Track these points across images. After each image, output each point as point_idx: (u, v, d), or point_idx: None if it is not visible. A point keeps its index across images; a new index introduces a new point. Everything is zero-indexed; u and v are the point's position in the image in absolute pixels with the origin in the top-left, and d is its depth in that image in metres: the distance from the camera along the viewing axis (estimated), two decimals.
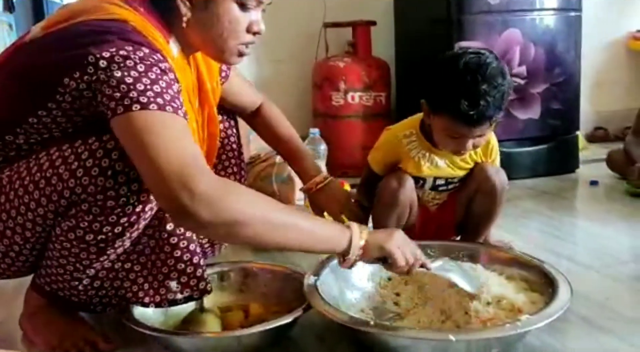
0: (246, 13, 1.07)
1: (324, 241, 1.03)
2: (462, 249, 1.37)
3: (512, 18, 2.46)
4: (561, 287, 1.13)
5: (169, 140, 0.90)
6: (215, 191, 0.89)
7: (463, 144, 1.34)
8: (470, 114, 1.25)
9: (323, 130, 2.68)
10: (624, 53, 3.52)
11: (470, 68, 1.26)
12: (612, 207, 2.14)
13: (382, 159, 1.49)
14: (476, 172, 1.46)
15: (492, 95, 1.25)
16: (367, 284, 1.32)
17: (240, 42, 1.10)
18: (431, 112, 1.35)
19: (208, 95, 1.24)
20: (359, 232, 1.05)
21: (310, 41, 2.93)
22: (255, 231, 0.93)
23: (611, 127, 3.46)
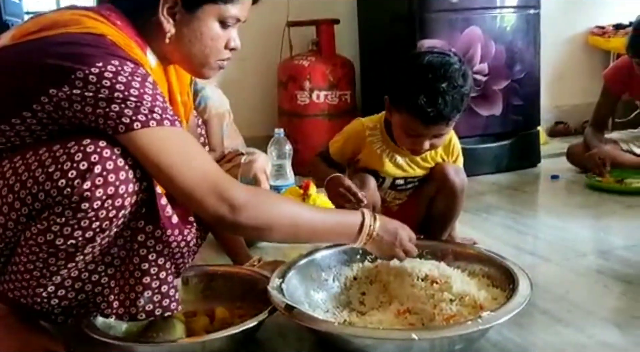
0: (226, 30, 1.12)
1: (341, 232, 1.16)
2: (426, 247, 1.37)
3: (473, 16, 2.50)
4: (521, 283, 1.14)
5: (187, 156, 0.99)
6: (251, 200, 1.02)
7: (420, 143, 1.35)
8: (428, 111, 1.27)
9: (289, 129, 2.68)
10: (582, 49, 3.60)
11: (433, 66, 1.28)
12: (572, 201, 2.19)
13: (342, 145, 1.50)
14: (436, 172, 1.48)
15: (450, 95, 1.27)
16: (333, 284, 1.32)
17: (219, 58, 1.14)
18: (393, 107, 1.36)
19: (178, 108, 1.23)
20: (369, 226, 1.16)
21: (274, 40, 2.92)
22: (283, 234, 1.09)
23: (571, 121, 3.54)
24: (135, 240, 1.05)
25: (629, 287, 1.38)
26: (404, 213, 1.54)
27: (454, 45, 2.47)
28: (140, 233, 1.05)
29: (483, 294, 1.18)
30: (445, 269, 1.26)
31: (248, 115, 2.91)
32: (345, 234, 1.16)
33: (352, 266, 1.36)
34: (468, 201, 2.13)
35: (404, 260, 1.22)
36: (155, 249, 1.06)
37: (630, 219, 1.91)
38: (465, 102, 1.32)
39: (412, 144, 1.37)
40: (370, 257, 1.38)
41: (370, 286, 1.30)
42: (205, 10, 1.08)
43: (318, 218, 1.13)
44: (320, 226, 1.13)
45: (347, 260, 1.37)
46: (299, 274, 1.26)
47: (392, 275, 1.28)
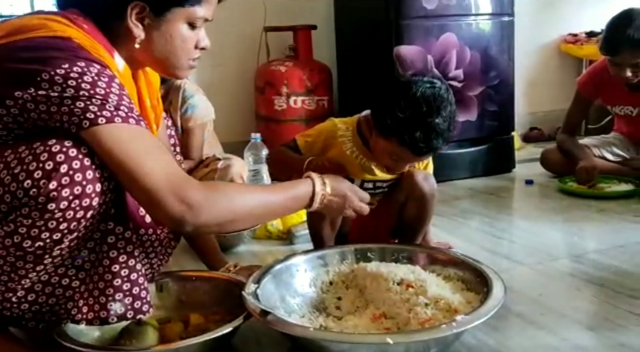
0: (194, 31, 1.14)
1: (296, 206, 1.19)
2: (401, 251, 1.39)
3: (449, 22, 2.53)
4: (495, 286, 1.16)
5: (146, 154, 0.97)
6: (207, 197, 1.00)
7: (402, 166, 1.39)
8: (421, 145, 1.28)
9: (266, 135, 2.67)
10: (556, 56, 3.67)
11: (426, 99, 1.27)
12: (546, 206, 2.22)
13: (313, 140, 1.48)
14: (405, 179, 1.49)
15: (441, 128, 1.28)
16: (309, 289, 1.31)
17: (190, 58, 1.16)
18: (380, 133, 1.35)
19: (147, 112, 1.23)
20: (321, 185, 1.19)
21: (251, 45, 2.92)
22: (245, 223, 1.11)
23: (545, 127, 3.60)
24: (104, 242, 1.04)
25: (601, 290, 1.41)
26: (375, 219, 1.53)
27: (430, 52, 2.50)
28: (109, 235, 1.04)
29: (457, 297, 1.19)
30: (420, 273, 1.27)
31: (225, 120, 2.90)
32: (300, 205, 1.19)
33: (329, 271, 1.36)
34: (444, 205, 2.17)
35: (353, 217, 1.28)
36: (125, 251, 1.05)
37: (602, 223, 1.94)
38: (452, 132, 1.33)
39: (393, 165, 1.39)
40: (347, 262, 1.38)
41: (346, 291, 1.30)
42: (174, 14, 1.09)
43: (273, 198, 1.15)
44: (277, 203, 1.15)
45: (323, 264, 1.36)
46: (275, 279, 1.25)
47: (368, 279, 1.28)
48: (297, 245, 1.80)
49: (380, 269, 1.28)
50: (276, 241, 1.87)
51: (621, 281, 1.45)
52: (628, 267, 1.53)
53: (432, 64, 2.51)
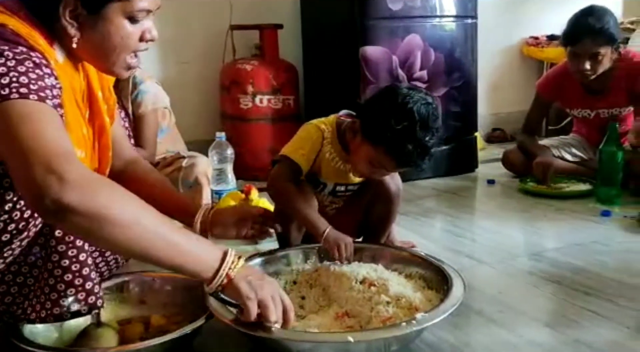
0: (137, 24, 1.07)
1: (194, 261, 0.97)
2: (364, 249, 1.40)
3: (413, 24, 2.55)
4: (455, 285, 1.18)
5: (36, 128, 0.86)
6: (87, 180, 0.85)
7: (380, 174, 1.40)
8: (409, 159, 1.30)
9: (232, 134, 2.66)
10: (518, 58, 3.74)
11: (422, 117, 1.27)
12: (507, 205, 2.26)
13: (308, 153, 1.43)
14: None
15: (430, 148, 1.31)
16: None
17: (133, 51, 1.10)
18: (367, 139, 1.34)
19: (99, 105, 1.19)
20: (232, 262, 0.99)
21: (217, 43, 2.90)
22: (121, 232, 0.86)
23: (508, 127, 3.67)
24: (52, 236, 1.01)
25: (558, 288, 1.44)
26: (341, 218, 1.54)
27: (395, 53, 2.52)
28: (57, 228, 1.01)
29: (418, 296, 1.20)
30: (382, 272, 1.28)
31: (190, 119, 2.87)
32: (193, 268, 0.97)
33: (292, 270, 1.37)
34: (408, 205, 2.19)
35: (249, 320, 1.01)
36: (75, 245, 1.02)
37: (560, 222, 1.99)
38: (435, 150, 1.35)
39: (370, 172, 1.39)
40: (310, 261, 1.39)
41: (310, 290, 1.30)
42: (110, 9, 1.03)
43: (169, 230, 0.93)
44: (170, 239, 0.92)
45: (287, 264, 1.38)
46: None
47: (332, 279, 1.29)
48: (262, 244, 1.79)
49: (343, 268, 1.29)
50: (240, 240, 1.86)
51: (577, 278, 1.49)
52: (584, 265, 1.57)
53: (396, 65, 2.53)
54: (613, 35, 2.20)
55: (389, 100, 1.31)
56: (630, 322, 1.23)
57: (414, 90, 1.32)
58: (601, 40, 2.20)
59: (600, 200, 2.16)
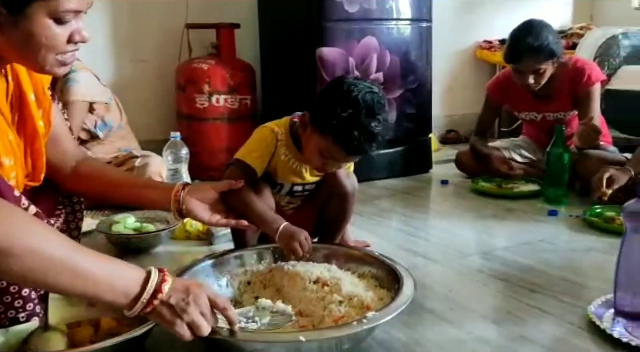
0: (65, 26, 1.02)
1: (108, 290, 0.88)
2: (318, 249, 1.41)
3: (369, 26, 2.58)
4: (406, 284, 1.20)
5: None
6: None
7: (330, 165, 1.41)
8: (356, 145, 1.31)
9: (187, 133, 2.64)
10: (472, 61, 3.83)
11: (367, 104, 1.31)
12: (459, 205, 2.32)
13: (262, 155, 1.44)
14: (329, 177, 1.52)
15: (377, 134, 1.33)
16: (227, 290, 1.32)
17: (60, 52, 1.04)
18: (316, 129, 1.36)
19: (30, 109, 1.14)
20: (156, 285, 0.91)
21: (173, 41, 2.87)
22: (16, 263, 0.79)
23: (462, 129, 3.75)
24: None
25: (506, 285, 1.48)
26: (298, 217, 1.55)
27: (351, 54, 2.55)
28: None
29: (370, 295, 1.22)
30: (336, 272, 1.30)
31: (145, 118, 2.84)
32: (108, 296, 0.88)
33: (246, 271, 1.37)
34: (363, 205, 2.22)
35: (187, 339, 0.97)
36: None
37: (510, 222, 2.05)
38: (385, 138, 1.37)
39: (322, 164, 1.40)
40: (265, 262, 1.40)
41: (263, 290, 1.31)
42: (33, 9, 0.97)
43: (79, 257, 0.86)
44: (79, 267, 0.84)
45: (240, 265, 1.38)
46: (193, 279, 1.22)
47: (286, 279, 1.29)
48: (218, 245, 1.79)
49: (297, 268, 1.30)
50: (195, 241, 1.85)
51: (524, 276, 1.53)
52: (531, 263, 1.62)
53: (353, 67, 2.56)
54: (553, 50, 2.27)
55: (335, 89, 1.35)
56: (573, 319, 1.27)
57: (359, 80, 1.37)
58: (541, 58, 2.26)
59: (548, 200, 2.23)
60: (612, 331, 1.18)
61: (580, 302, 1.33)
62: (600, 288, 1.38)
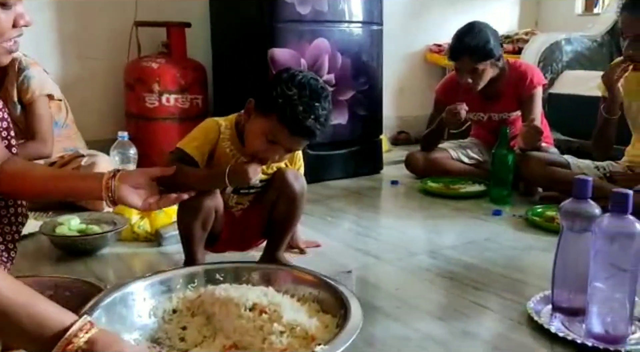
0: (9, 10, 1.03)
1: (23, 338, 0.80)
2: (254, 270, 1.30)
3: (321, 28, 2.60)
4: (352, 309, 1.11)
5: None
6: None
7: (274, 151, 1.38)
8: (300, 119, 1.32)
9: (136, 133, 2.59)
10: (422, 64, 3.91)
11: (311, 85, 1.35)
12: (409, 205, 2.36)
13: (201, 143, 1.44)
14: (277, 177, 1.52)
15: (321, 114, 1.34)
16: (149, 320, 1.16)
17: (6, 39, 1.05)
18: (259, 111, 1.38)
19: None
20: (74, 337, 0.80)
21: (122, 39, 2.81)
22: None
23: (412, 131, 3.82)
24: None
25: (451, 283, 1.53)
26: (247, 218, 1.56)
27: (303, 56, 2.56)
28: None
29: (314, 322, 1.11)
30: (274, 296, 1.17)
31: (92, 117, 2.78)
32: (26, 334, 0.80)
33: (172, 297, 1.21)
34: (315, 205, 2.23)
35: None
36: None
37: (456, 221, 2.11)
38: (327, 126, 1.39)
39: (264, 151, 1.39)
40: (193, 286, 1.25)
41: (192, 319, 1.16)
42: None
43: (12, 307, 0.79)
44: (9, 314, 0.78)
45: (165, 291, 1.22)
46: (107, 313, 1.09)
47: (217, 305, 1.14)
48: (166, 247, 1.77)
49: (230, 293, 1.16)
50: (143, 242, 1.82)
51: (468, 274, 1.58)
52: (475, 262, 1.67)
53: (305, 68, 2.57)
54: (490, 51, 2.38)
55: (280, 74, 1.38)
56: (513, 314, 1.32)
57: (303, 70, 1.41)
58: (478, 57, 2.37)
59: (493, 200, 2.30)
60: (550, 326, 1.23)
61: (521, 299, 1.38)
62: (539, 285, 1.43)
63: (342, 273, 1.57)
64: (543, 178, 2.29)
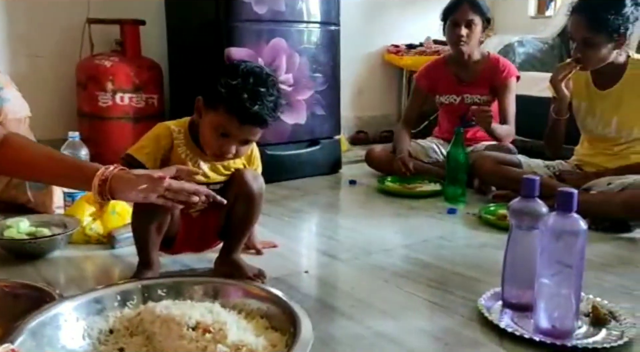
0: None
1: None
2: (198, 284, 1.24)
3: (279, 28, 2.60)
4: (303, 326, 1.06)
5: None
6: None
7: (228, 145, 1.37)
8: (247, 106, 1.31)
9: (89, 133, 2.54)
10: (380, 65, 3.94)
11: (254, 72, 1.35)
12: (366, 204, 2.38)
13: (153, 150, 1.42)
14: (235, 178, 1.51)
15: (268, 100, 1.34)
16: (82, 342, 1.07)
17: None
18: (207, 107, 1.37)
19: None
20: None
21: (74, 37, 2.74)
22: None
23: (371, 130, 3.86)
24: None
25: (405, 281, 1.54)
26: (204, 220, 1.54)
27: (261, 55, 2.55)
28: None
29: (261, 342, 1.05)
30: (219, 313, 1.11)
31: (43, 116, 2.69)
32: None
33: (108, 316, 1.13)
34: (273, 205, 2.23)
35: None
36: None
37: (412, 220, 2.13)
38: (278, 112, 1.39)
39: (220, 147, 1.38)
40: (131, 303, 1.17)
41: (130, 339, 1.08)
42: None
43: None
44: None
45: (100, 310, 1.13)
46: (34, 337, 1.00)
47: (157, 324, 1.08)
48: (120, 249, 1.73)
49: (172, 311, 1.08)
50: (96, 245, 1.78)
51: (423, 272, 1.60)
52: (429, 260, 1.70)
53: None
54: (486, 8, 2.63)
55: (223, 66, 1.39)
56: (465, 311, 1.35)
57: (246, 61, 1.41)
58: (476, 9, 2.58)
59: (448, 199, 2.34)
60: (500, 322, 1.25)
61: (473, 296, 1.41)
62: (491, 282, 1.46)
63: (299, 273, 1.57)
64: (496, 177, 2.35)
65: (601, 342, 1.18)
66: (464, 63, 2.69)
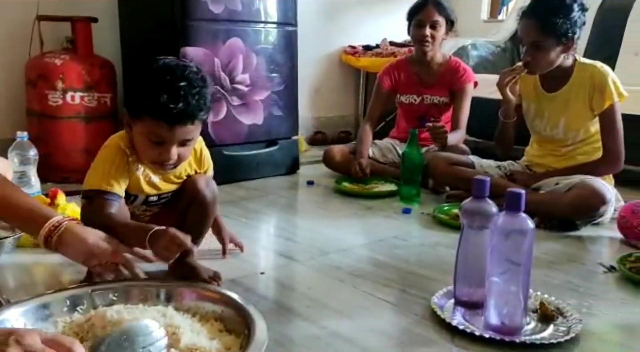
0: None
1: None
2: (150, 287, 1.23)
3: (235, 28, 2.58)
4: (258, 328, 1.07)
5: None
6: None
7: (167, 151, 1.31)
8: (171, 107, 1.24)
9: (39, 132, 2.47)
10: (338, 65, 3.96)
11: (170, 68, 1.28)
12: (323, 204, 2.39)
13: (113, 173, 1.36)
14: (187, 185, 1.49)
15: (191, 94, 1.27)
16: None
17: None
18: (134, 119, 1.32)
19: None
20: None
21: (22, 34, 2.66)
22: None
23: (329, 131, 3.87)
24: None
25: (360, 281, 1.55)
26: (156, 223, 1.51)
27: (217, 55, 2.53)
28: None
29: (215, 345, 1.05)
30: (173, 317, 1.11)
31: None
32: None
33: (57, 322, 1.11)
34: (230, 206, 2.21)
35: None
36: None
37: (368, 220, 2.16)
38: (208, 102, 1.32)
39: (158, 155, 1.32)
40: (81, 308, 1.16)
41: None
42: None
43: None
44: None
45: (48, 315, 1.12)
46: None
47: (108, 329, 1.05)
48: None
49: (124, 316, 1.07)
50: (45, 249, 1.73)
51: (377, 271, 1.62)
52: (385, 259, 1.72)
53: (219, 67, 2.54)
54: (451, 10, 2.68)
55: (136, 74, 1.34)
56: (418, 310, 1.37)
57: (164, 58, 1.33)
58: (441, 10, 2.63)
59: (403, 199, 2.37)
60: (452, 320, 1.28)
61: (426, 294, 1.43)
62: (444, 280, 1.49)
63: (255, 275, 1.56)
64: (449, 177, 2.39)
65: (549, 338, 1.22)
66: (426, 64, 2.74)
